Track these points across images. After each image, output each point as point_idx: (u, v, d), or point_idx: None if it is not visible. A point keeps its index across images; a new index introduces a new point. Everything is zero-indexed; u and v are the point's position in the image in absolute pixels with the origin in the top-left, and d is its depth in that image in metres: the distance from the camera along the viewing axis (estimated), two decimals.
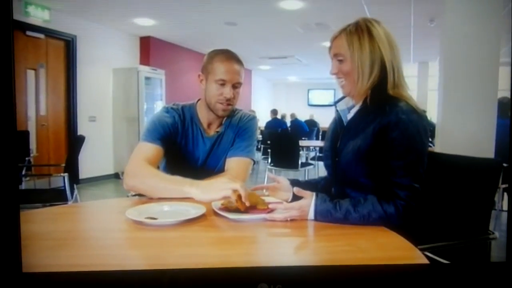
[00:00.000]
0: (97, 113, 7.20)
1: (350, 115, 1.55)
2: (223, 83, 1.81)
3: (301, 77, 15.44)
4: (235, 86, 1.83)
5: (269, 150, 6.24)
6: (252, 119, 2.00)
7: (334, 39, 1.52)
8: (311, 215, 1.35)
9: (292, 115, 12.01)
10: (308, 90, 16.85)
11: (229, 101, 1.83)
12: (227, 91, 1.81)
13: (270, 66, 12.39)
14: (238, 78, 1.82)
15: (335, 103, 1.62)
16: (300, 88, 16.81)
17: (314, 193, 1.37)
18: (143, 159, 1.70)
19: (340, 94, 1.64)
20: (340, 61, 1.50)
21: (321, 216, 1.34)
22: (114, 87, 7.50)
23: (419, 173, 1.37)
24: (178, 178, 1.58)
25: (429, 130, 1.43)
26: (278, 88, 17.15)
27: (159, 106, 7.79)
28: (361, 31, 1.45)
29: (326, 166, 1.68)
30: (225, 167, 1.86)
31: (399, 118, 1.36)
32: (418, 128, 1.37)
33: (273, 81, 16.76)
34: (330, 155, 1.61)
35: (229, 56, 1.85)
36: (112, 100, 7.53)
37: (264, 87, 15.73)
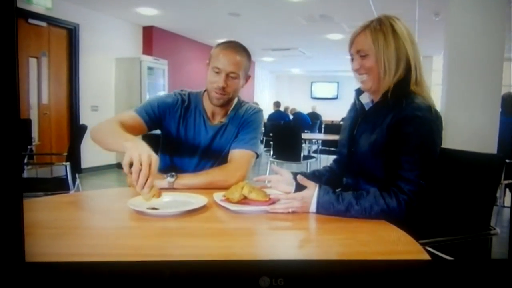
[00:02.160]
0: (100, 102, 7.21)
1: (368, 106, 1.58)
2: (218, 71, 1.81)
3: (305, 69, 15.41)
4: (230, 76, 1.81)
5: (271, 143, 6.24)
6: (258, 112, 2.00)
7: (356, 35, 1.52)
8: (313, 207, 1.35)
9: (293, 110, 11.97)
10: (312, 83, 16.81)
11: (223, 90, 1.82)
12: (220, 80, 1.80)
13: (273, 58, 12.36)
14: (234, 68, 1.81)
15: (357, 95, 1.65)
16: (303, 80, 16.76)
17: (317, 185, 1.38)
18: (116, 118, 1.74)
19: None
20: (363, 56, 1.50)
21: (323, 208, 1.34)
22: (116, 76, 7.51)
23: (426, 170, 1.37)
24: (121, 133, 1.56)
25: (442, 129, 1.45)
26: (281, 81, 17.10)
27: None
28: (385, 28, 1.46)
29: (341, 156, 1.71)
30: (228, 159, 1.86)
31: (414, 115, 1.38)
32: (431, 126, 1.40)
33: (276, 73, 16.72)
34: (348, 145, 1.63)
35: (230, 45, 1.84)
36: (114, 89, 7.53)
37: (267, 79, 15.69)
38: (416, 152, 1.37)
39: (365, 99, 1.62)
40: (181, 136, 1.93)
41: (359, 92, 1.64)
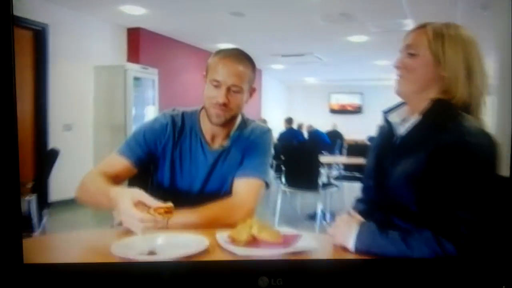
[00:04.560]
0: (74, 120, 7.19)
1: (403, 130, 1.57)
2: (217, 85, 1.80)
3: (322, 78, 15.58)
4: (232, 89, 1.80)
5: (282, 167, 6.23)
6: (266, 132, 2.00)
7: (415, 29, 1.56)
8: (353, 236, 1.39)
9: (309, 127, 12.05)
10: (330, 94, 16.93)
11: (223, 107, 1.80)
12: (220, 95, 1.79)
13: (283, 65, 12.49)
14: (236, 81, 1.80)
15: (385, 112, 1.65)
16: (320, 91, 16.95)
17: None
18: (99, 171, 1.81)
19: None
20: (411, 55, 1.53)
21: (366, 238, 1.38)
22: (95, 88, 7.52)
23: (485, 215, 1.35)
24: (105, 189, 1.64)
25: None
26: (294, 92, 17.30)
27: (150, 111, 7.82)
28: (452, 31, 1.51)
29: (367, 188, 1.71)
30: (233, 191, 1.85)
31: (466, 141, 1.35)
32: (491, 154, 1.36)
33: (288, 83, 16.89)
34: (375, 176, 1.63)
35: (231, 53, 1.85)
36: (93, 104, 7.54)
37: (276, 90, 15.85)
38: (473, 195, 1.34)
39: (394, 117, 1.62)
40: (176, 167, 1.92)
41: (387, 111, 1.65)
